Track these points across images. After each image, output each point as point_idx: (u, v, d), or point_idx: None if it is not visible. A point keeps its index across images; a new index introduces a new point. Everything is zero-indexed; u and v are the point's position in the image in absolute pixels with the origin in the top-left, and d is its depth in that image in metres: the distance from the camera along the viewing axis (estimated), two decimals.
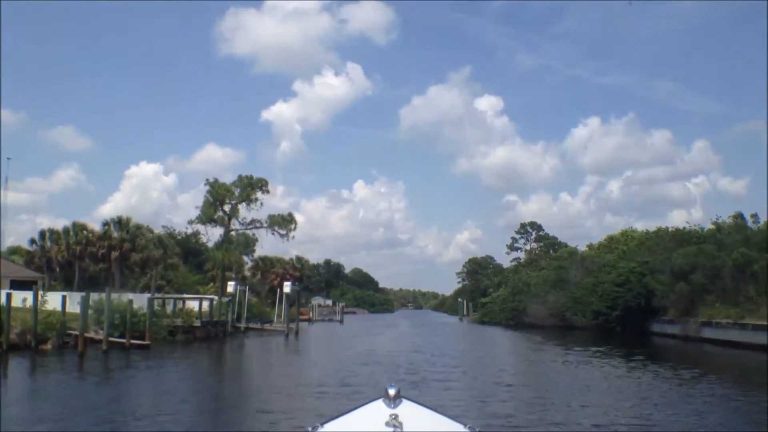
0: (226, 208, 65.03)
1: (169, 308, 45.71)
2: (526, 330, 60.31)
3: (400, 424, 3.26)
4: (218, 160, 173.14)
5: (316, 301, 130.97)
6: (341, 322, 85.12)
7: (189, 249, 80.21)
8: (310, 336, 52.98)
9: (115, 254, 62.83)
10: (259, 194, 65.38)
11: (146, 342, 34.78)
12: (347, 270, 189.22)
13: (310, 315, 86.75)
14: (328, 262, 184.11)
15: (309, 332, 59.97)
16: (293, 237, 65.60)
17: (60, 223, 79.00)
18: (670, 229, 66.14)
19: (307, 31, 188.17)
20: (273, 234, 65.24)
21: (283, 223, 64.72)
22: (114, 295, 37.89)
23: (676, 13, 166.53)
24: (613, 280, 51.82)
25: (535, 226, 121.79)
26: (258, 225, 65.65)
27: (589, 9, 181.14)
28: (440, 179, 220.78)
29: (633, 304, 48.77)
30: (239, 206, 65.20)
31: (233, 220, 65.49)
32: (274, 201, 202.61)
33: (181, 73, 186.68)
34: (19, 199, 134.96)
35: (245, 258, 75.55)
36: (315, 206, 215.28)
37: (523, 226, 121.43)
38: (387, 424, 3.27)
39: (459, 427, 3.52)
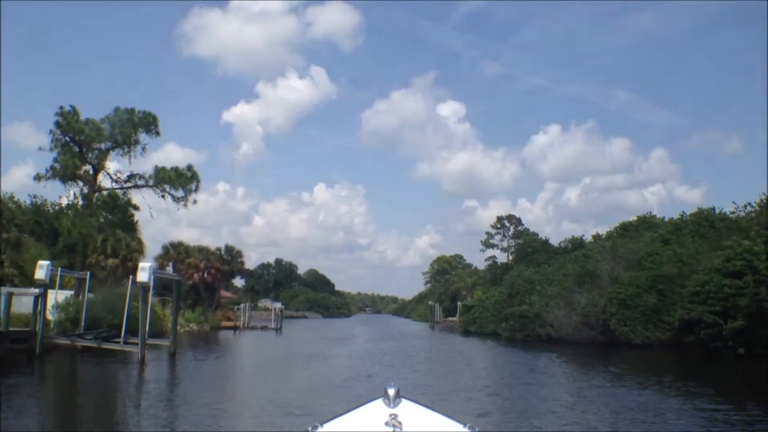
0: (92, 156, 40.11)
1: None
2: (552, 348, 36.96)
3: (400, 423, 3.13)
4: (178, 160, 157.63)
5: (263, 303, 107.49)
6: (279, 330, 60.48)
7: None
8: (199, 363, 28.45)
9: None
10: (143, 136, 40.67)
11: None
12: (302, 271, 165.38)
13: (238, 322, 61.72)
14: (279, 261, 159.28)
15: (212, 352, 35.51)
16: (194, 202, 40.96)
17: None
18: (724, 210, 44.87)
19: (272, 33, 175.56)
20: (162, 196, 40.46)
21: (177, 180, 39.88)
22: None
23: (634, 25, 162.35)
24: (720, 268, 28.91)
25: (514, 219, 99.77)
26: (141, 182, 40.78)
27: (551, 20, 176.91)
28: (401, 184, 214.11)
29: None
30: (110, 153, 40.36)
31: (101, 175, 40.57)
32: (233, 202, 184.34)
33: (142, 71, 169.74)
34: None
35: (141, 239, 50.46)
36: (275, 208, 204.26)
37: (499, 219, 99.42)
38: (386, 423, 3.14)
39: (458, 426, 3.32)
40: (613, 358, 30.33)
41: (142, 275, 24.33)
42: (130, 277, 27.12)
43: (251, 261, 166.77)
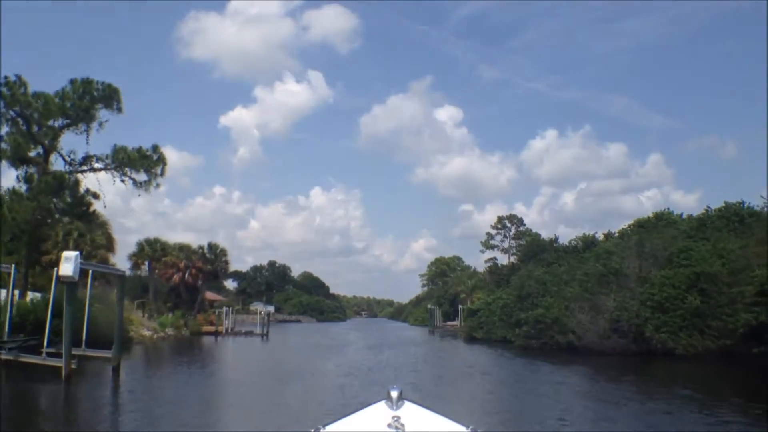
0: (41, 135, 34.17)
1: None
2: (577, 359, 31.19)
3: (402, 425, 3.09)
4: (174, 163, 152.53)
5: (255, 306, 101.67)
6: (265, 336, 54.45)
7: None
8: (147, 381, 22.57)
9: None
10: (103, 112, 34.84)
11: None
12: (296, 273, 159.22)
13: (219, 327, 55.71)
14: (272, 264, 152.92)
15: (172, 364, 29.59)
16: (158, 186, 35.18)
17: None
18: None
19: (269, 37, 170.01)
20: (122, 180, 34.57)
21: (140, 161, 33.98)
22: None
23: (631, 30, 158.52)
24: None
25: (515, 220, 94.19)
26: (99, 165, 34.85)
27: (548, 25, 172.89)
28: (397, 188, 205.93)
29: None
30: (64, 132, 34.40)
31: (54, 156, 34.64)
32: (230, 206, 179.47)
33: (139, 75, 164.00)
34: None
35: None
36: (271, 212, 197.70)
37: (500, 219, 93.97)
38: (389, 425, 3.10)
39: (461, 428, 3.25)
40: (664, 373, 24.61)
41: (66, 267, 18.38)
42: (54, 270, 21.11)
43: (247, 264, 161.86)
